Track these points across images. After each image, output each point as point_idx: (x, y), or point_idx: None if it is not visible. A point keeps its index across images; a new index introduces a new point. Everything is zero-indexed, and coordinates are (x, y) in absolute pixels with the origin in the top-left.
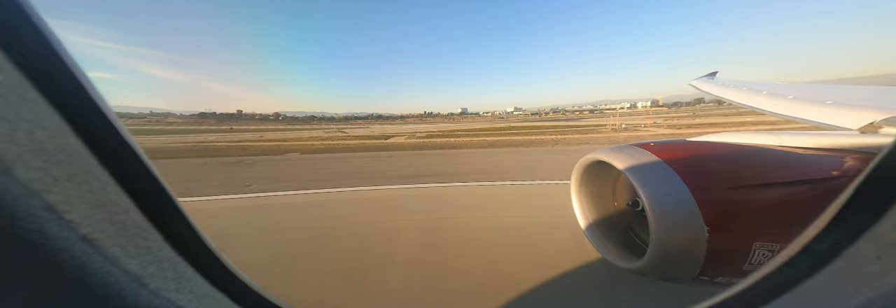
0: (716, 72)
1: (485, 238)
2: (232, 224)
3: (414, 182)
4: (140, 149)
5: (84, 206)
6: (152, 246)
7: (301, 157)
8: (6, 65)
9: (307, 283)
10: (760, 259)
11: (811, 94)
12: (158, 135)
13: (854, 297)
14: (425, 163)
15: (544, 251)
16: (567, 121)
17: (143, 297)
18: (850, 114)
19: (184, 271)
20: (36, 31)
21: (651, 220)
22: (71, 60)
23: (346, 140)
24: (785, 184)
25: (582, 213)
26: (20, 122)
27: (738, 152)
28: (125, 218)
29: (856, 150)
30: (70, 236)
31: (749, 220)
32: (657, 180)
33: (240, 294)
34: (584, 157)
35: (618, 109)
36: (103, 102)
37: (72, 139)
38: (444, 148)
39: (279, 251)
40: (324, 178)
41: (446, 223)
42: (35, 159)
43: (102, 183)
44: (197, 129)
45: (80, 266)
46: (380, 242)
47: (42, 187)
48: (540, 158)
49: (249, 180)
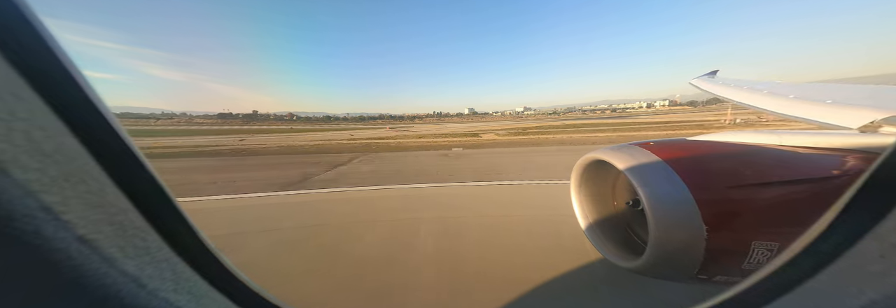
0: (716, 71)
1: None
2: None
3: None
4: (138, 149)
5: (81, 206)
6: (151, 246)
7: (474, 152)
8: (0, 63)
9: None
10: (760, 258)
11: (811, 93)
12: (255, 134)
13: (857, 297)
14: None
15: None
16: (620, 118)
17: (142, 297)
18: (850, 113)
19: (182, 272)
20: (32, 30)
21: (650, 220)
22: (68, 60)
23: (440, 138)
24: (785, 183)
25: (581, 213)
26: (16, 122)
27: (737, 152)
28: (123, 218)
29: (856, 150)
30: (67, 237)
31: (748, 220)
32: (656, 180)
33: (239, 294)
34: (584, 157)
35: (635, 108)
36: (101, 102)
37: (69, 139)
38: (566, 144)
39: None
40: (558, 166)
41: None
42: (32, 160)
43: (100, 183)
44: (256, 129)
45: (77, 267)
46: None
47: (39, 188)
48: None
49: (522, 168)
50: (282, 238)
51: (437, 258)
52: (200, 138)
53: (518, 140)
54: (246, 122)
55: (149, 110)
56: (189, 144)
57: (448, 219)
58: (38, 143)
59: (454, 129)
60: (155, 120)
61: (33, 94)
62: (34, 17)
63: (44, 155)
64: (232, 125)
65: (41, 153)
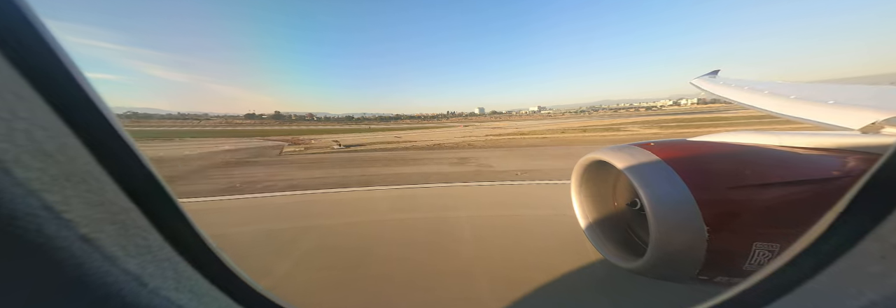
0: (718, 70)
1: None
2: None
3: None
4: (139, 149)
5: (83, 205)
6: (152, 245)
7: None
8: (2, 63)
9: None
10: (761, 259)
11: (813, 93)
12: (359, 133)
13: (856, 298)
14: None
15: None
16: (672, 115)
17: (143, 296)
18: (852, 114)
19: (184, 270)
20: (33, 30)
21: (651, 220)
22: (69, 61)
23: (583, 133)
24: (785, 184)
25: (582, 213)
26: (17, 121)
27: (738, 152)
28: (125, 217)
29: (857, 151)
30: (69, 236)
31: (749, 220)
32: (657, 180)
33: (240, 293)
34: (584, 157)
35: (660, 107)
36: (102, 102)
37: (71, 139)
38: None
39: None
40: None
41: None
42: (33, 159)
43: (101, 183)
44: (344, 128)
45: (79, 265)
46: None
47: (40, 187)
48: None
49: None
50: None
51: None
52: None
53: (653, 134)
54: (281, 123)
55: (154, 111)
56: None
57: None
58: (39, 142)
59: (553, 126)
60: (198, 120)
61: (35, 94)
62: (35, 18)
63: (45, 154)
64: (282, 125)
65: (43, 152)
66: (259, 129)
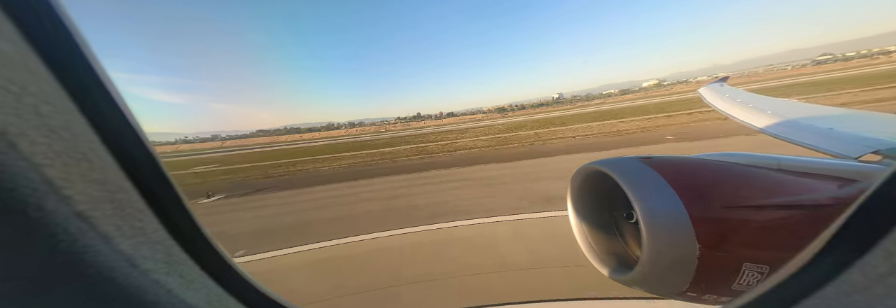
0: (726, 77)
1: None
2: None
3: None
4: (144, 133)
5: (82, 183)
6: (147, 227)
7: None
8: (15, 35)
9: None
10: (749, 280)
11: (816, 117)
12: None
13: None
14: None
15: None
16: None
17: (133, 277)
18: (851, 142)
19: (176, 255)
20: (49, 7)
21: (644, 234)
22: (82, 41)
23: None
24: (780, 207)
25: (576, 223)
26: (27, 96)
27: (736, 172)
28: (123, 197)
29: (853, 178)
30: (65, 211)
31: (741, 240)
32: (653, 194)
33: (229, 281)
34: (582, 167)
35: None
36: (111, 84)
37: (76, 117)
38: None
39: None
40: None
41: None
42: (38, 133)
43: (103, 162)
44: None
45: (73, 242)
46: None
47: (43, 161)
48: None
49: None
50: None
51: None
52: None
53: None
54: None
55: (163, 136)
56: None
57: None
58: (45, 117)
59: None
60: (221, 141)
61: (45, 70)
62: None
63: (50, 130)
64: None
65: (48, 128)
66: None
